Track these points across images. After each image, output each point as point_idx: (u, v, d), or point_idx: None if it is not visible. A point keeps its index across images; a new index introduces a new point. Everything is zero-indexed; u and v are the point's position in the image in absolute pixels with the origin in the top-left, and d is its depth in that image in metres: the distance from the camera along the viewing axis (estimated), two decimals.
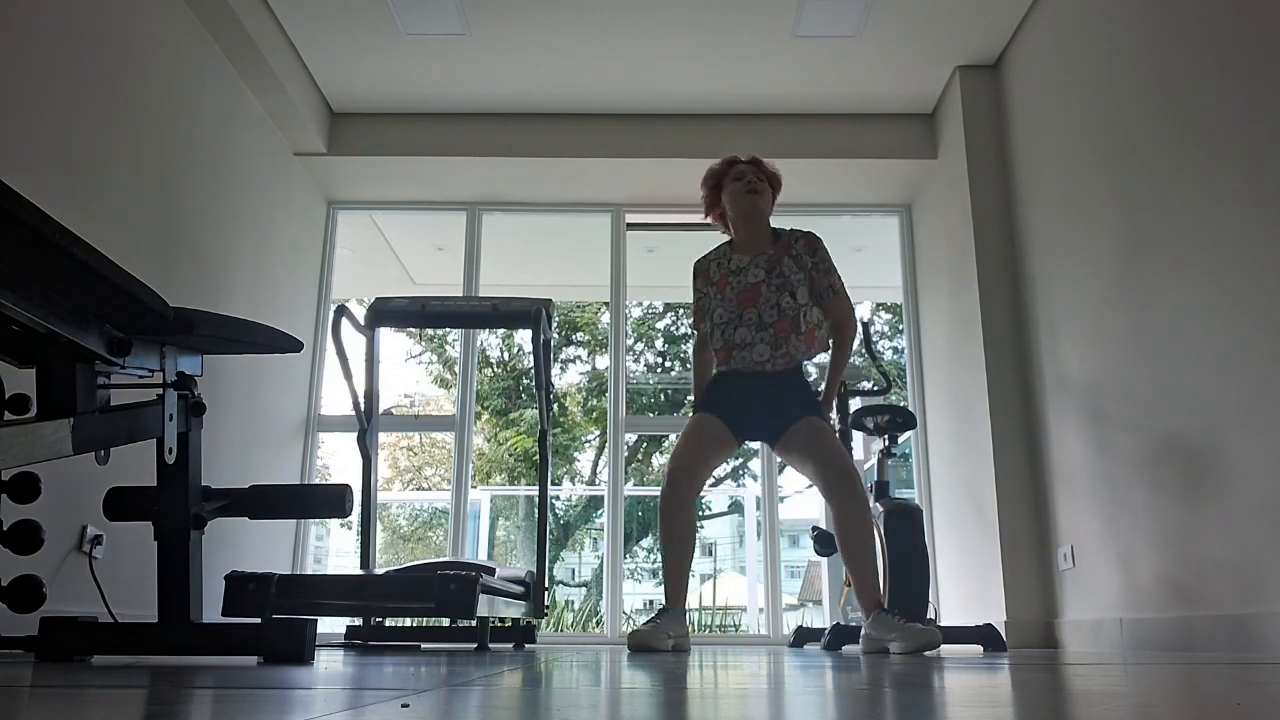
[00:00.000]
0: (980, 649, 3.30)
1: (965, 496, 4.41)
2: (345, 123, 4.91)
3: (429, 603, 2.47)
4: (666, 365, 12.41)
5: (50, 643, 1.89)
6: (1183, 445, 2.93)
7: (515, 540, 10.63)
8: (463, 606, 2.43)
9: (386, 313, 3.61)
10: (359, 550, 3.55)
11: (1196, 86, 2.88)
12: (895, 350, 9.22)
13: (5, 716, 0.80)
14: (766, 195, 3.10)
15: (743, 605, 9.51)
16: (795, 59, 4.47)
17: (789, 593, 9.76)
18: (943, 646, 3.28)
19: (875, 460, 3.81)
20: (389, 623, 3.54)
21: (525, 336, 9.51)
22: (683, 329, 12.04)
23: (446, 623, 3.57)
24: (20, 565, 2.55)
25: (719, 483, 10.31)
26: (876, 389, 3.96)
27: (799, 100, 4.81)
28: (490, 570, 3.18)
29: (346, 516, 2.18)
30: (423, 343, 12.20)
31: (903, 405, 4.76)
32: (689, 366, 11.75)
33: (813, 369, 3.16)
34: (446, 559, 3.72)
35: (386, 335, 3.80)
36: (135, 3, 3.37)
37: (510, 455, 11.52)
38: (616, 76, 4.62)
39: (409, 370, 12.35)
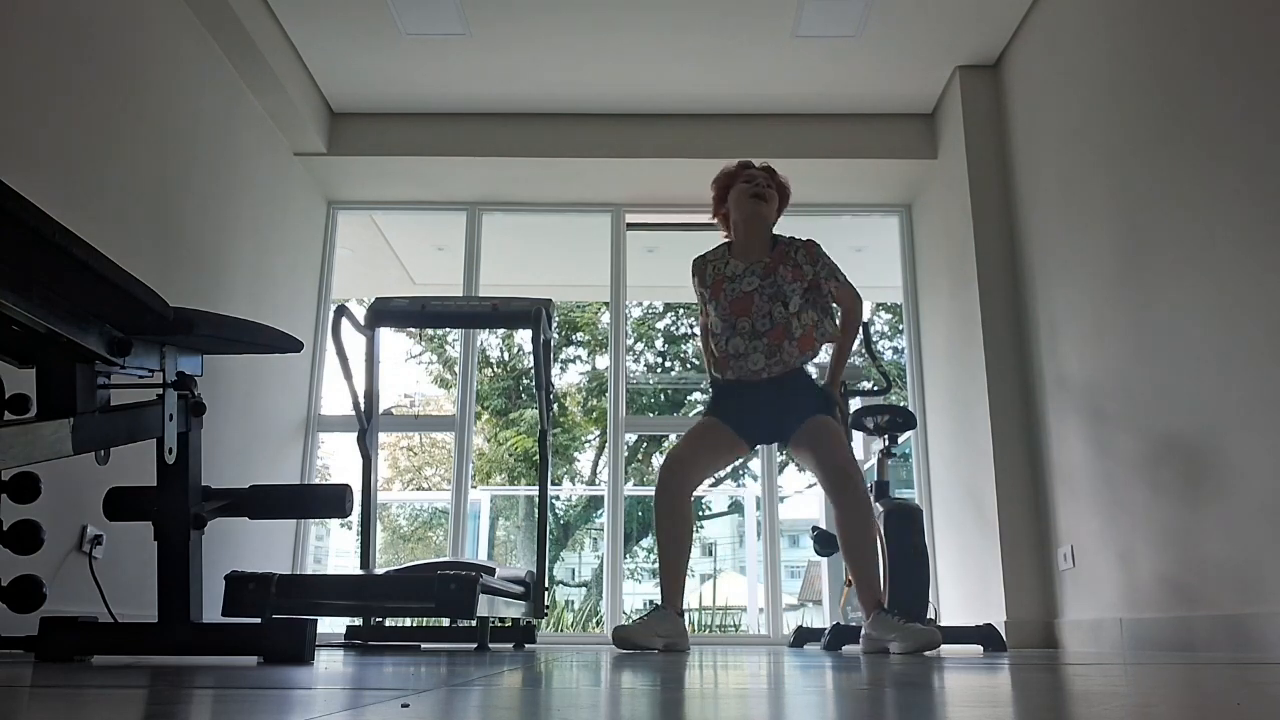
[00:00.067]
0: (980, 649, 3.30)
1: (965, 496, 4.41)
2: (345, 123, 4.91)
3: (429, 603, 2.47)
4: (666, 365, 12.41)
5: (50, 643, 1.89)
6: (1183, 445, 2.93)
7: (515, 540, 10.63)
8: (463, 606, 2.43)
9: (386, 313, 3.61)
10: (359, 550, 3.55)
11: (1196, 86, 2.88)
12: (895, 350, 9.22)
13: (5, 716, 0.80)
14: (773, 203, 3.10)
15: (743, 605, 9.51)
16: (795, 59, 4.47)
17: (789, 593, 9.76)
18: (943, 646, 3.28)
19: (875, 460, 3.82)
20: (389, 623, 3.54)
21: (525, 336, 9.50)
22: (683, 329, 12.04)
23: (446, 623, 3.57)
24: (20, 565, 2.55)
25: (719, 483, 10.31)
26: (876, 389, 3.96)
27: (799, 100, 4.81)
28: (490, 570, 3.18)
29: (346, 516, 2.18)
30: (423, 343, 12.20)
31: (903, 405, 4.76)
32: (689, 366, 11.79)
33: (812, 369, 3.16)
34: (446, 559, 3.72)
35: (386, 335, 3.80)
36: (135, 3, 3.37)
37: (510, 455, 11.52)
38: (616, 76, 4.62)
39: (409, 370, 12.35)
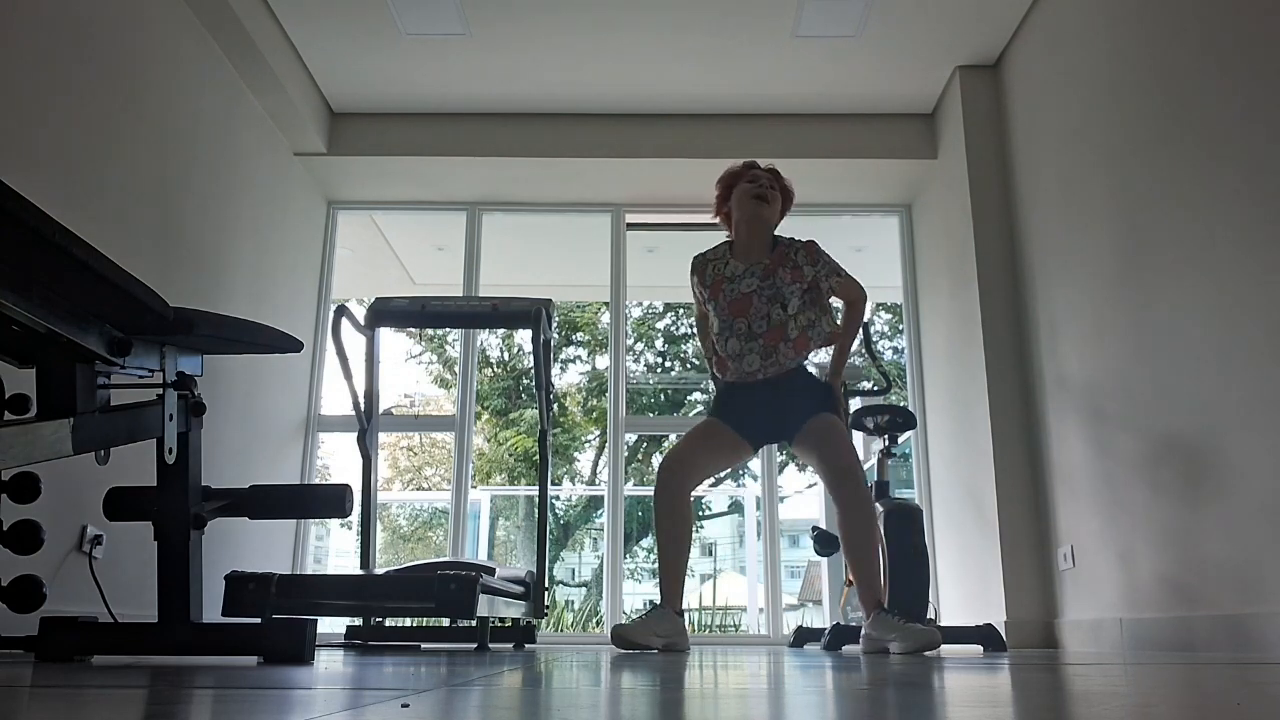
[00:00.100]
0: (980, 649, 3.30)
1: (965, 496, 4.41)
2: (345, 123, 4.91)
3: (429, 603, 2.47)
4: (666, 365, 12.41)
5: (50, 643, 1.89)
6: (1183, 445, 2.93)
7: (515, 540, 10.62)
8: (463, 606, 2.43)
9: (386, 313, 3.61)
10: (359, 550, 3.55)
11: (1196, 86, 2.88)
12: (895, 350, 9.22)
13: (5, 716, 0.80)
14: (775, 205, 3.09)
15: (743, 605, 9.51)
16: (795, 59, 4.47)
17: (789, 593, 9.76)
18: (943, 646, 3.28)
19: (875, 460, 3.82)
20: (389, 623, 3.54)
21: (525, 336, 9.50)
22: (683, 329, 12.03)
23: (446, 623, 3.57)
24: (20, 565, 2.55)
25: (719, 483, 10.30)
26: (876, 389, 3.96)
27: (799, 100, 4.81)
28: (490, 570, 3.18)
29: (346, 516, 2.18)
30: (423, 343, 12.20)
31: (903, 405, 4.76)
32: (689, 366, 11.79)
33: (813, 368, 3.15)
34: (446, 559, 3.72)
35: (386, 335, 3.80)
36: (135, 3, 3.37)
37: (510, 455, 11.52)
38: (616, 76, 4.62)
39: (409, 370, 12.35)
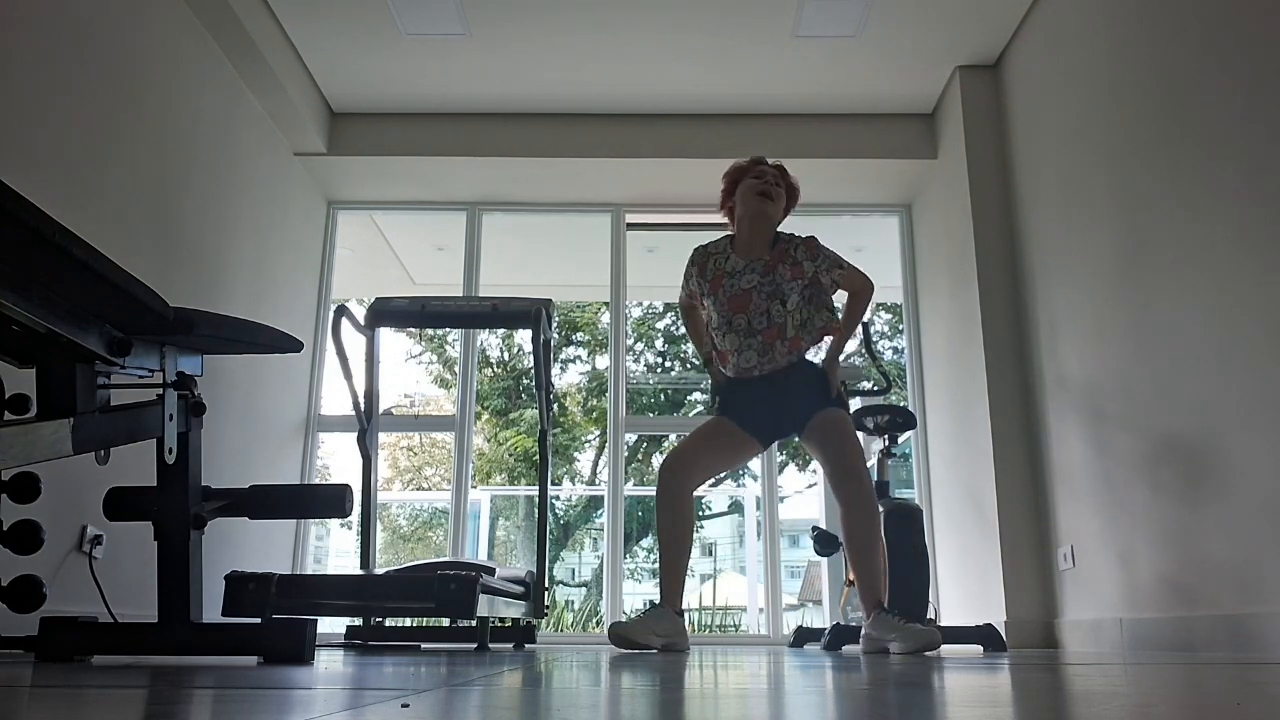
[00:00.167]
0: (980, 649, 3.30)
1: (965, 496, 4.41)
2: (345, 123, 4.91)
3: (429, 603, 2.47)
4: (666, 365, 12.41)
5: (50, 643, 1.89)
6: (1183, 445, 2.93)
7: (515, 540, 10.62)
8: (463, 606, 2.43)
9: (386, 313, 3.61)
10: (359, 550, 3.55)
11: (1196, 86, 2.88)
12: (895, 350, 9.21)
13: (5, 716, 0.80)
14: (779, 202, 3.08)
15: (743, 605, 9.50)
16: (795, 59, 4.46)
17: (789, 593, 9.75)
18: (943, 646, 3.28)
19: (875, 460, 3.82)
20: (389, 623, 3.54)
21: (525, 336, 9.50)
22: (682, 329, 12.01)
23: (446, 623, 3.57)
24: (20, 565, 2.55)
25: (719, 483, 10.30)
26: (876, 389, 3.95)
27: (799, 100, 4.81)
28: (490, 570, 3.18)
29: (346, 516, 2.18)
30: (423, 343, 12.20)
31: (903, 405, 4.76)
32: (689, 366, 11.79)
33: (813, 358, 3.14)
34: (446, 559, 3.72)
35: (386, 335, 3.80)
36: (135, 3, 3.37)
37: (510, 455, 11.52)
38: (616, 76, 4.62)
39: (409, 370, 12.35)
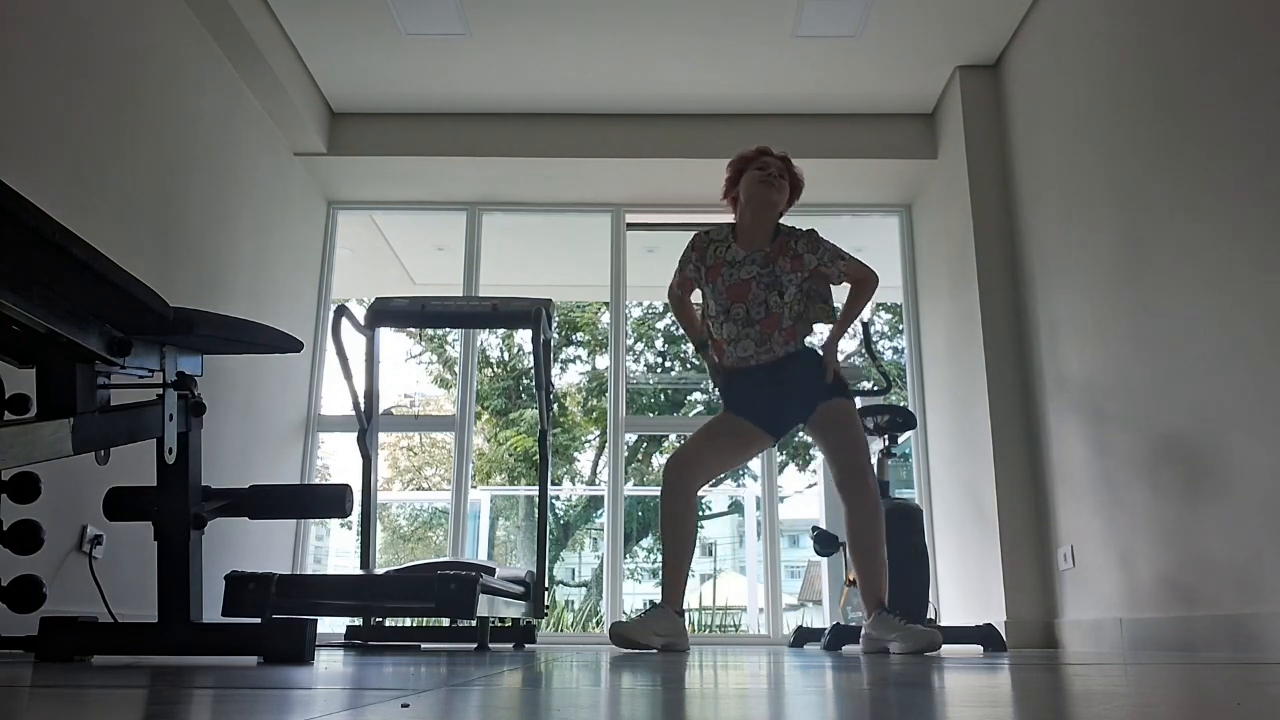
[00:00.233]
0: (980, 649, 3.30)
1: (965, 496, 4.41)
2: (345, 123, 4.91)
3: (429, 603, 2.47)
4: (666, 365, 12.40)
5: (50, 643, 1.89)
6: (1183, 445, 2.93)
7: (515, 540, 10.62)
8: (463, 606, 2.43)
9: (386, 313, 3.61)
10: (359, 550, 3.55)
11: (1196, 86, 2.88)
12: (895, 350, 9.21)
13: (5, 716, 0.80)
14: (783, 193, 3.06)
15: (743, 605, 9.50)
16: (795, 59, 4.46)
17: (789, 593, 9.75)
18: (943, 647, 3.28)
19: (875, 460, 3.81)
20: (389, 623, 3.54)
21: (525, 336, 9.50)
22: (682, 329, 12.00)
23: (446, 623, 3.57)
24: (20, 565, 2.54)
25: (719, 482, 10.30)
26: (876, 389, 3.95)
27: (799, 100, 4.80)
28: (490, 570, 3.18)
29: (346, 516, 2.18)
30: (423, 343, 12.19)
31: (903, 405, 4.76)
32: (689, 366, 11.78)
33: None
34: (446, 559, 3.72)
35: (386, 335, 3.80)
36: (135, 3, 3.37)
37: (510, 455, 11.51)
38: (617, 76, 4.62)
39: (409, 370, 12.34)
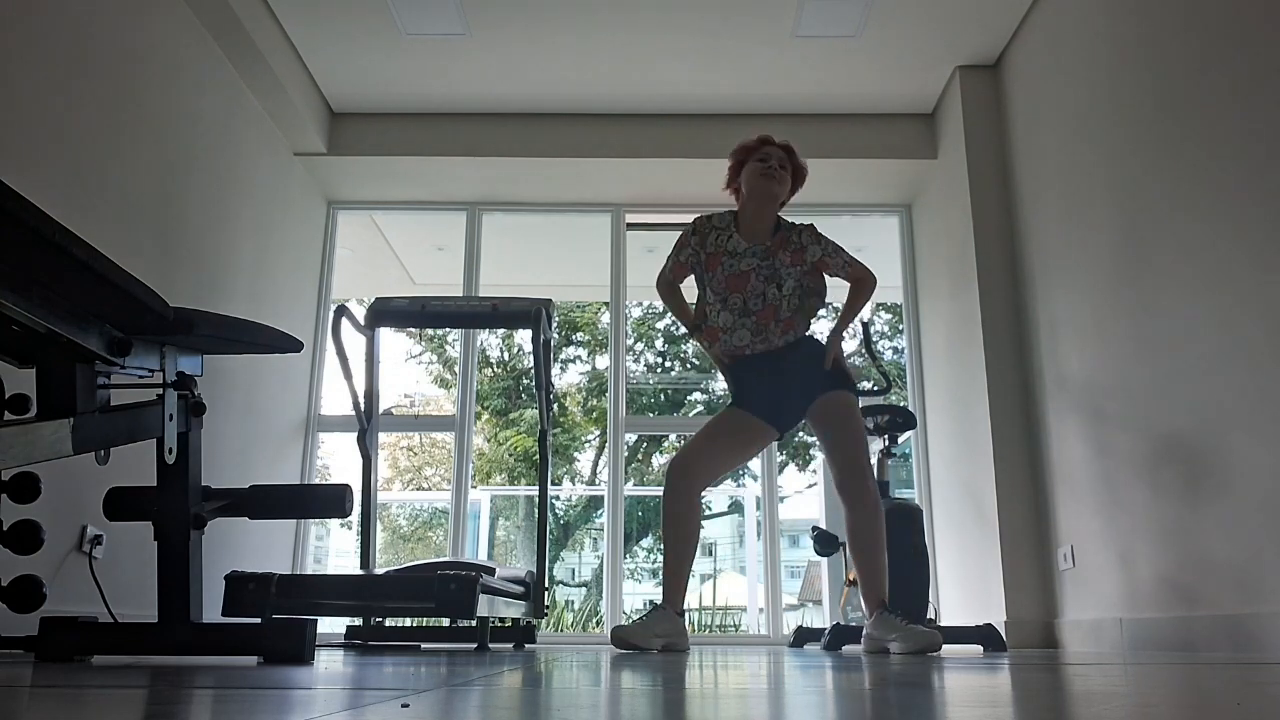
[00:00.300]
0: (980, 649, 3.30)
1: (965, 496, 4.41)
2: (345, 123, 4.91)
3: (429, 603, 2.47)
4: (666, 365, 12.40)
5: (50, 643, 1.89)
6: (1183, 445, 2.93)
7: (515, 540, 10.62)
8: (463, 606, 2.43)
9: (386, 313, 3.61)
10: (359, 550, 3.55)
11: (1196, 86, 2.88)
12: (895, 350, 9.20)
13: (5, 716, 0.80)
14: (784, 185, 3.03)
15: (743, 605, 9.50)
16: (795, 59, 4.46)
17: (789, 593, 9.74)
18: (943, 647, 3.28)
19: (875, 460, 3.81)
20: (389, 623, 3.54)
21: (525, 336, 9.50)
22: (683, 329, 12.00)
23: (446, 623, 3.57)
24: (20, 565, 2.55)
25: (719, 482, 10.29)
26: (876, 389, 3.95)
27: (799, 100, 4.81)
28: (490, 570, 3.18)
29: (346, 516, 2.18)
30: (423, 343, 12.19)
31: (903, 405, 4.76)
32: (689, 366, 11.78)
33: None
34: (446, 559, 3.72)
35: (386, 335, 3.80)
36: (136, 4, 3.37)
37: (510, 455, 11.51)
38: (617, 76, 4.62)
39: (409, 370, 12.34)
